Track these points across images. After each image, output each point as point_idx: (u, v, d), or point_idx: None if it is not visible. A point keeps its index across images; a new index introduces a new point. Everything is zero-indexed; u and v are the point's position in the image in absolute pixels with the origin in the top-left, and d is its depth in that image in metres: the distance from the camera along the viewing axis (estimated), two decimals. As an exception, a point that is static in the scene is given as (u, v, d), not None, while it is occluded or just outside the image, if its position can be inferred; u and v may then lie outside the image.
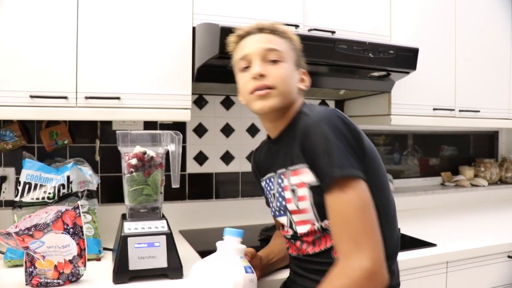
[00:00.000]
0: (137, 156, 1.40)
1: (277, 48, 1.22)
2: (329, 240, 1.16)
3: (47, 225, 1.29)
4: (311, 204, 1.15)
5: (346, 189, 1.04)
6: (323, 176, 1.08)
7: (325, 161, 1.06)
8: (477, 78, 2.35)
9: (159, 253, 1.37)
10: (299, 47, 1.29)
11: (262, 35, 1.25)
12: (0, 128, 1.75)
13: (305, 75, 1.30)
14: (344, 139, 1.07)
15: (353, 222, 1.03)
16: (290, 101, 1.23)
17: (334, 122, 1.08)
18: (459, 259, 1.75)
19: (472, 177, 2.99)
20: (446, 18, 2.24)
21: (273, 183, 1.31)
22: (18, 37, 1.49)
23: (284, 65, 1.22)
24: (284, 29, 1.27)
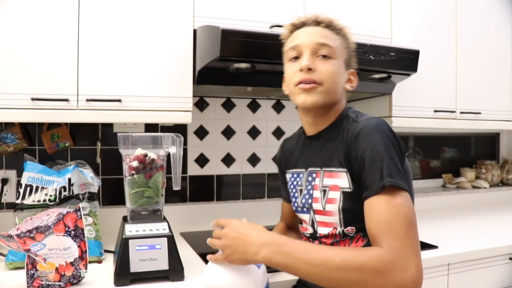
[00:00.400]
0: (138, 159, 1.40)
1: (330, 43, 1.20)
2: (347, 244, 1.16)
3: (49, 228, 1.29)
4: (339, 208, 1.15)
5: (396, 195, 1.02)
6: (371, 183, 1.04)
7: (376, 170, 1.04)
8: (478, 80, 2.34)
9: (160, 255, 1.37)
10: (353, 47, 1.28)
11: (318, 28, 1.23)
12: (2, 131, 1.75)
13: (353, 76, 1.28)
14: (395, 151, 1.07)
15: (399, 226, 0.98)
16: (334, 100, 1.23)
17: (386, 132, 1.09)
18: (461, 261, 1.75)
19: (473, 179, 2.99)
20: (447, 19, 2.25)
21: (301, 179, 1.30)
22: (19, 40, 1.49)
23: (334, 62, 1.20)
24: (342, 26, 1.26)
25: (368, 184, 1.05)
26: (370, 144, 1.06)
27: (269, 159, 2.27)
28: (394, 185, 1.01)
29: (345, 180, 1.13)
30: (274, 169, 2.28)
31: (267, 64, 1.71)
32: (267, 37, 1.61)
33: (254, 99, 2.24)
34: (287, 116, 2.31)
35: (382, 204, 1.01)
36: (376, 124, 1.10)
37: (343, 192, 1.14)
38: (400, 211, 1.00)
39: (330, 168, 1.18)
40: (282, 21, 1.77)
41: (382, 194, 1.02)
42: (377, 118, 1.14)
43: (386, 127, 1.10)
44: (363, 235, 1.14)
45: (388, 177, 1.02)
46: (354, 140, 1.10)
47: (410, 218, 1.01)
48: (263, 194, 2.26)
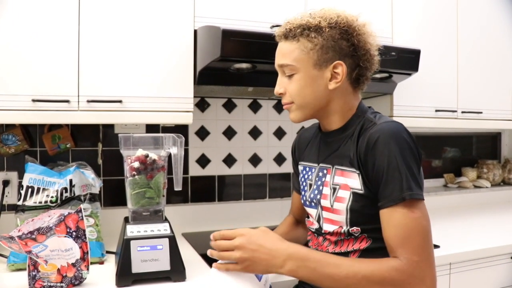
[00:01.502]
0: (140, 159, 1.40)
1: (286, 62, 1.20)
2: (351, 244, 1.16)
3: (50, 229, 1.29)
4: (347, 208, 1.15)
5: (414, 209, 1.05)
6: (390, 194, 1.06)
7: (395, 181, 1.05)
8: (479, 79, 2.34)
9: (162, 256, 1.37)
10: (326, 39, 1.16)
11: (281, 43, 1.24)
12: (3, 133, 1.75)
13: (336, 68, 1.17)
14: (413, 159, 1.07)
15: (417, 239, 1.03)
16: (319, 105, 1.21)
17: (405, 138, 1.08)
18: (462, 261, 1.75)
19: (475, 179, 2.99)
20: (448, 19, 2.24)
21: (312, 174, 1.30)
22: (20, 41, 1.49)
23: (297, 77, 1.19)
24: (299, 25, 1.18)
25: (386, 194, 1.07)
26: (389, 153, 1.06)
27: (271, 160, 2.27)
28: (414, 197, 1.04)
29: (357, 182, 1.13)
30: (275, 170, 2.28)
31: (268, 64, 1.71)
32: (268, 37, 1.61)
33: (255, 100, 2.24)
34: (288, 116, 2.30)
35: (401, 217, 1.04)
36: (394, 131, 1.08)
37: (353, 193, 1.14)
38: (418, 225, 1.04)
39: (342, 167, 1.18)
40: (283, 21, 1.76)
41: (400, 207, 1.05)
42: (396, 122, 1.12)
43: (405, 133, 1.09)
44: (368, 236, 1.15)
45: (407, 190, 1.04)
46: (372, 146, 1.09)
47: (426, 231, 1.05)
48: (264, 194, 2.26)
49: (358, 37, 1.18)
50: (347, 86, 1.22)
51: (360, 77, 1.22)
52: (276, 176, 2.29)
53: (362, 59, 1.19)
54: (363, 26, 1.19)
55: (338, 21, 1.16)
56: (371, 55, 1.21)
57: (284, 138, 2.30)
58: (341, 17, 1.17)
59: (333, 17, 1.16)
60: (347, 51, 1.18)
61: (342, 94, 1.22)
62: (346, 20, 1.17)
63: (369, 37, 1.21)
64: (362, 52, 1.19)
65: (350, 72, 1.20)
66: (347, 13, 1.20)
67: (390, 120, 1.13)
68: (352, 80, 1.22)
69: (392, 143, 1.06)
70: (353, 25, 1.17)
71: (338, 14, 1.18)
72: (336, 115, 1.23)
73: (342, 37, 1.17)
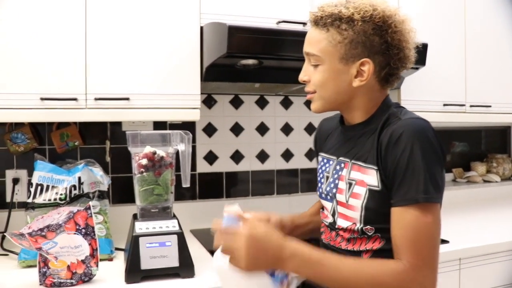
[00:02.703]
0: (147, 156, 1.41)
1: (313, 51, 1.14)
2: (364, 243, 1.14)
3: (60, 226, 1.30)
4: (362, 205, 1.12)
5: (427, 213, 1.01)
6: (405, 193, 1.02)
7: (412, 182, 1.02)
8: (487, 73, 2.32)
9: (170, 253, 1.38)
10: (357, 33, 1.09)
11: (310, 30, 1.17)
12: (12, 131, 1.76)
13: (363, 66, 1.11)
14: (436, 160, 1.03)
15: (423, 243, 1.01)
16: (342, 100, 1.16)
17: (429, 138, 1.03)
18: (472, 256, 1.74)
19: (484, 173, 2.97)
20: (455, 12, 2.23)
21: (329, 166, 1.27)
22: (28, 41, 1.50)
23: (322, 69, 1.14)
24: (330, 14, 1.11)
25: (401, 192, 1.03)
26: (411, 151, 1.02)
27: (278, 156, 2.27)
28: (429, 201, 1.01)
29: (374, 178, 1.09)
30: (283, 166, 2.28)
31: (274, 60, 1.71)
32: (274, 33, 1.61)
33: (262, 96, 2.24)
34: (295, 112, 2.31)
35: (412, 219, 1.01)
36: (419, 129, 1.04)
37: (369, 190, 1.10)
38: (428, 230, 1.01)
39: (360, 162, 1.14)
40: (289, 16, 1.77)
41: (413, 209, 1.01)
42: (422, 119, 1.06)
43: (430, 131, 1.04)
44: (381, 237, 1.11)
45: (423, 193, 1.00)
46: (394, 142, 1.04)
47: (435, 237, 1.03)
48: (272, 190, 2.26)
49: (392, 35, 1.10)
50: (374, 84, 1.15)
51: (389, 76, 1.15)
52: (284, 172, 2.29)
53: (394, 58, 1.12)
54: (400, 23, 1.12)
55: (374, 15, 1.09)
56: (405, 54, 1.14)
57: (291, 134, 2.29)
58: (377, 11, 1.09)
59: (368, 10, 1.09)
60: (378, 48, 1.11)
61: (367, 91, 1.15)
62: (383, 14, 1.09)
63: (406, 35, 1.13)
64: (395, 51, 1.11)
65: (379, 70, 1.13)
66: (386, 5, 1.12)
67: (416, 117, 1.08)
68: (381, 78, 1.15)
69: (415, 141, 1.02)
70: (389, 21, 1.10)
71: (375, 6, 1.10)
72: (359, 111, 1.18)
73: (375, 32, 1.10)
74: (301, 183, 2.31)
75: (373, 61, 1.11)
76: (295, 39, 1.51)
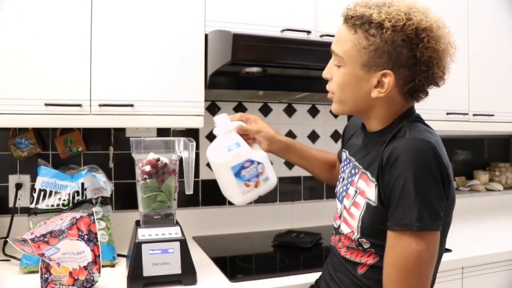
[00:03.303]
0: (151, 163, 1.41)
1: (337, 51, 1.10)
2: (359, 255, 1.13)
3: (62, 232, 1.30)
4: (360, 216, 1.10)
5: (420, 241, 0.97)
6: (400, 218, 0.99)
7: (406, 208, 0.97)
8: (491, 82, 2.32)
9: (173, 260, 1.38)
10: (384, 41, 1.03)
11: (341, 27, 1.11)
12: (16, 136, 1.77)
13: (385, 77, 1.05)
14: (433, 184, 0.98)
15: (412, 272, 0.99)
16: (359, 108, 1.14)
17: (428, 162, 0.97)
18: (475, 265, 1.73)
19: (487, 182, 2.96)
20: (458, 20, 2.23)
21: (347, 168, 1.23)
22: (32, 46, 1.50)
23: (343, 71, 1.10)
24: (361, 15, 1.05)
25: (396, 217, 1.00)
26: (406, 177, 0.97)
27: (281, 163, 2.27)
28: (423, 229, 0.97)
29: (373, 193, 1.07)
30: (286, 173, 2.28)
31: (278, 68, 1.72)
32: (278, 41, 1.62)
33: (265, 103, 2.24)
34: (298, 119, 2.31)
35: (405, 247, 0.99)
36: (418, 152, 0.98)
37: (367, 203, 1.08)
38: (419, 259, 0.98)
39: (368, 172, 1.11)
40: (293, 25, 1.77)
41: (407, 235, 0.98)
42: (424, 140, 1.00)
43: (429, 154, 0.98)
44: (375, 252, 1.10)
45: (417, 222, 0.96)
46: (391, 164, 1.00)
47: (427, 265, 1.00)
48: (275, 198, 2.26)
49: (423, 50, 1.03)
50: (396, 96, 1.10)
51: (414, 92, 1.09)
52: (287, 179, 2.28)
53: (422, 75, 1.05)
54: (435, 39, 1.04)
55: (406, 25, 1.01)
56: (434, 73, 1.07)
57: (294, 141, 2.29)
58: (411, 21, 1.02)
59: (401, 19, 1.01)
60: (405, 62, 1.04)
61: (386, 102, 1.11)
62: (417, 26, 1.02)
63: (440, 53, 1.06)
64: (424, 68, 1.05)
65: (403, 84, 1.07)
66: (424, 16, 1.04)
67: (420, 137, 1.02)
68: (404, 92, 1.09)
69: (411, 165, 0.97)
70: (422, 34, 1.02)
71: (411, 16, 1.02)
72: (376, 120, 1.15)
73: (405, 44, 1.02)
74: (304, 191, 2.31)
75: (396, 74, 1.05)
76: (299, 47, 1.52)
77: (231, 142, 1.38)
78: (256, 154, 1.41)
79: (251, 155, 1.39)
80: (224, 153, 1.36)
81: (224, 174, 1.38)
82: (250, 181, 1.38)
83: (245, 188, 1.38)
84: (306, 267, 1.56)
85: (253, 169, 1.38)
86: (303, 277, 1.47)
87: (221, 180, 1.40)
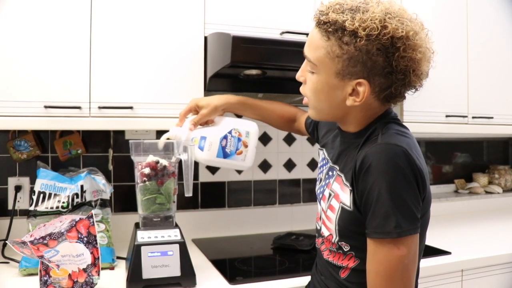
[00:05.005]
0: (150, 165, 1.41)
1: (309, 57, 1.06)
2: (341, 259, 1.12)
3: (62, 234, 1.30)
4: (336, 220, 1.09)
5: (400, 246, 0.96)
6: (376, 226, 0.97)
7: (383, 216, 0.95)
8: (490, 84, 2.32)
9: (172, 262, 1.38)
10: (358, 50, 0.98)
11: (313, 30, 1.06)
12: (15, 139, 1.77)
13: (360, 86, 1.01)
14: (408, 189, 0.96)
15: (396, 277, 0.97)
16: (334, 115, 1.11)
17: (401, 166, 0.95)
18: (475, 267, 1.74)
19: (486, 184, 2.96)
20: (458, 22, 2.23)
21: (325, 168, 1.21)
22: (32, 48, 1.51)
23: (316, 79, 1.06)
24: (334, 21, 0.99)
25: (373, 224, 0.98)
26: (380, 184, 0.95)
27: (280, 166, 2.27)
28: (402, 235, 0.95)
29: (347, 198, 1.05)
30: (285, 176, 2.28)
31: (277, 71, 1.72)
32: (278, 43, 1.62)
33: (264, 105, 2.24)
34: (297, 122, 2.31)
35: (385, 253, 0.97)
36: (389, 158, 0.96)
37: (341, 207, 1.07)
38: (401, 263, 0.97)
39: (342, 175, 1.09)
40: (293, 27, 1.78)
41: (387, 242, 0.96)
42: (396, 145, 0.97)
43: (402, 159, 0.95)
44: (356, 255, 1.09)
45: (396, 228, 0.94)
46: (364, 171, 0.98)
47: (409, 269, 0.99)
48: (274, 200, 2.26)
49: (399, 59, 0.98)
50: (372, 102, 1.06)
51: (390, 98, 1.06)
52: (286, 182, 2.28)
53: (398, 83, 1.01)
54: (412, 47, 0.99)
55: (381, 34, 0.96)
56: (410, 80, 1.02)
57: (293, 144, 2.29)
58: (387, 29, 0.96)
59: (375, 27, 0.96)
60: (380, 71, 1.00)
61: (363, 108, 1.07)
62: (393, 34, 0.97)
63: (417, 62, 1.01)
64: (400, 76, 1.00)
65: (379, 91, 1.03)
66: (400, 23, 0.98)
67: (392, 142, 0.99)
68: (380, 98, 1.05)
69: (384, 172, 0.95)
70: (398, 43, 0.97)
71: (386, 23, 0.97)
72: (353, 124, 1.12)
73: (380, 53, 0.98)
74: (303, 193, 2.31)
75: (371, 82, 1.01)
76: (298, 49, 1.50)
77: (198, 142, 1.44)
78: (222, 128, 1.47)
79: (219, 134, 1.45)
80: (202, 154, 1.44)
81: (219, 163, 1.46)
82: (238, 149, 1.46)
83: (240, 156, 1.48)
84: (305, 269, 1.56)
85: (232, 140, 1.46)
86: (302, 279, 1.46)
87: (222, 166, 1.51)
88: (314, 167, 2.32)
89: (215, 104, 1.47)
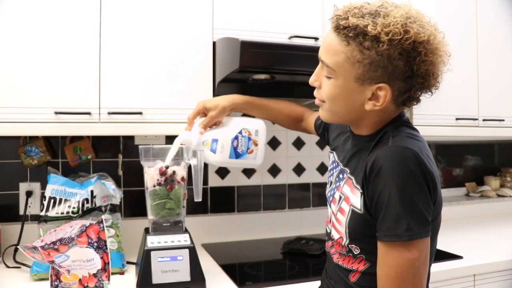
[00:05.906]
0: (160, 171, 1.41)
1: (327, 62, 1.04)
2: (351, 262, 1.12)
3: (72, 239, 1.30)
4: (346, 222, 1.09)
5: (411, 249, 0.95)
6: (388, 229, 0.96)
7: (394, 219, 0.95)
8: (500, 87, 2.30)
9: (182, 267, 1.38)
10: (380, 55, 0.97)
11: (329, 35, 1.04)
12: (26, 144, 1.78)
13: (380, 91, 1.01)
14: (419, 191, 0.96)
15: (407, 281, 0.97)
16: (349, 119, 1.11)
17: (411, 169, 0.95)
18: (487, 272, 1.72)
19: (498, 188, 2.93)
20: (467, 25, 2.22)
21: (335, 171, 1.21)
22: (43, 56, 1.52)
23: (334, 83, 1.04)
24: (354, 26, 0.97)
25: (384, 227, 0.97)
26: (391, 187, 0.95)
27: (290, 170, 2.27)
28: (413, 239, 0.95)
29: (358, 200, 1.05)
30: (294, 180, 2.28)
31: (286, 75, 1.72)
32: (286, 48, 1.62)
33: (273, 110, 2.24)
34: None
35: (396, 256, 0.97)
36: (400, 161, 0.96)
37: (352, 210, 1.07)
38: (412, 267, 0.96)
39: (353, 177, 1.09)
40: (301, 31, 1.78)
41: (398, 245, 0.96)
42: (406, 148, 0.97)
43: (413, 161, 0.95)
44: (366, 259, 1.08)
45: (407, 231, 0.94)
46: (375, 174, 0.98)
47: (420, 273, 0.98)
48: (284, 205, 2.25)
49: (420, 64, 0.98)
50: (389, 106, 1.05)
51: (407, 101, 1.06)
52: (295, 186, 2.28)
53: (417, 86, 1.02)
54: (432, 51, 0.99)
55: (403, 39, 0.96)
56: (429, 84, 1.03)
57: (303, 148, 2.29)
58: (409, 34, 0.96)
59: (398, 32, 0.95)
60: (400, 75, 0.99)
61: (379, 112, 1.07)
62: (415, 39, 0.96)
63: (436, 65, 1.02)
64: (420, 80, 1.01)
65: (397, 95, 1.03)
66: (421, 28, 0.98)
67: (402, 144, 0.99)
68: (398, 102, 1.05)
69: (395, 175, 0.95)
70: (419, 48, 0.97)
71: (408, 28, 0.96)
72: (367, 128, 1.11)
73: (401, 58, 0.97)
74: (313, 198, 2.30)
75: (392, 86, 1.00)
76: (307, 54, 1.52)
77: (210, 145, 1.45)
78: (232, 129, 1.48)
79: (230, 135, 1.46)
80: (214, 156, 1.44)
81: (231, 163, 1.47)
82: (249, 148, 1.47)
83: (251, 154, 1.48)
84: (315, 274, 1.55)
85: (243, 140, 1.46)
86: (312, 284, 1.46)
87: (234, 166, 1.56)
88: (323, 171, 2.32)
89: (223, 105, 1.47)
